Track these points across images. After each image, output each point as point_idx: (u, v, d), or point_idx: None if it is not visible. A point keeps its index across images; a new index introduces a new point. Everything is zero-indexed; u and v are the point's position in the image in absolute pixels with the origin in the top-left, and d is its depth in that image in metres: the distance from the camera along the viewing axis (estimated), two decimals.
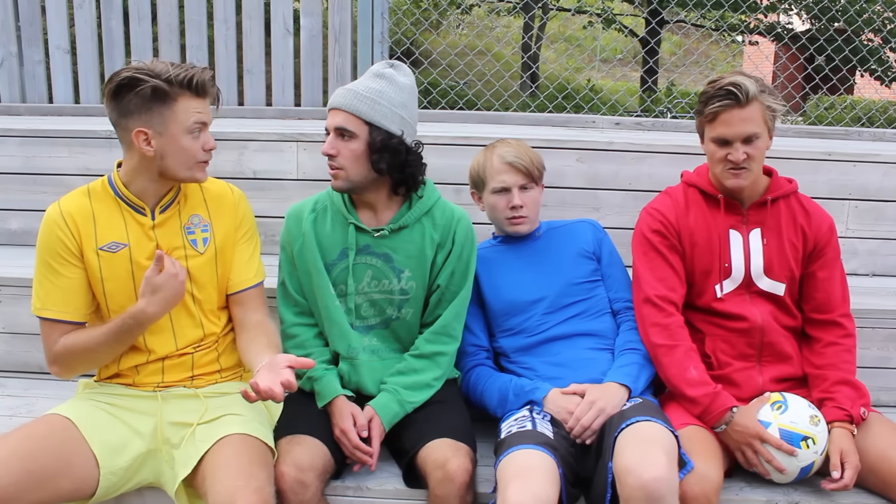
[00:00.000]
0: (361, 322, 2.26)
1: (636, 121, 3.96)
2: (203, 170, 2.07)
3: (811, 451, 2.04)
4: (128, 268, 2.06)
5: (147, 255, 2.06)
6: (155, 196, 2.08)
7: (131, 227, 2.07)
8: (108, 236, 2.05)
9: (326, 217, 2.26)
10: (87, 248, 2.04)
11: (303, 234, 2.25)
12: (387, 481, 2.15)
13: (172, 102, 1.95)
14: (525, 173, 2.27)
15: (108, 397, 2.11)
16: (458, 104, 4.77)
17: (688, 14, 10.50)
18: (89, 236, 2.04)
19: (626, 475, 1.83)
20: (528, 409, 2.17)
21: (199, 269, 2.13)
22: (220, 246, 2.16)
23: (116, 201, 2.07)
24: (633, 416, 1.98)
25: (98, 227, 2.05)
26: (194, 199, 2.16)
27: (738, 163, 2.16)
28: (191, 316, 2.13)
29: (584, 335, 2.29)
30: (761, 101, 2.14)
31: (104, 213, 2.06)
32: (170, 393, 2.12)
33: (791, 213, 2.31)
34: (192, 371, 2.14)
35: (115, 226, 2.06)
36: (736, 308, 2.25)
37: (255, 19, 3.94)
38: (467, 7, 11.51)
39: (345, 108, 2.13)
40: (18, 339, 2.77)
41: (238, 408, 2.06)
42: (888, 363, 2.71)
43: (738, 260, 2.27)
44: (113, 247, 2.05)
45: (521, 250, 2.39)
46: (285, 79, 3.97)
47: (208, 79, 2.00)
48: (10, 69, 4.05)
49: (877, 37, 8.52)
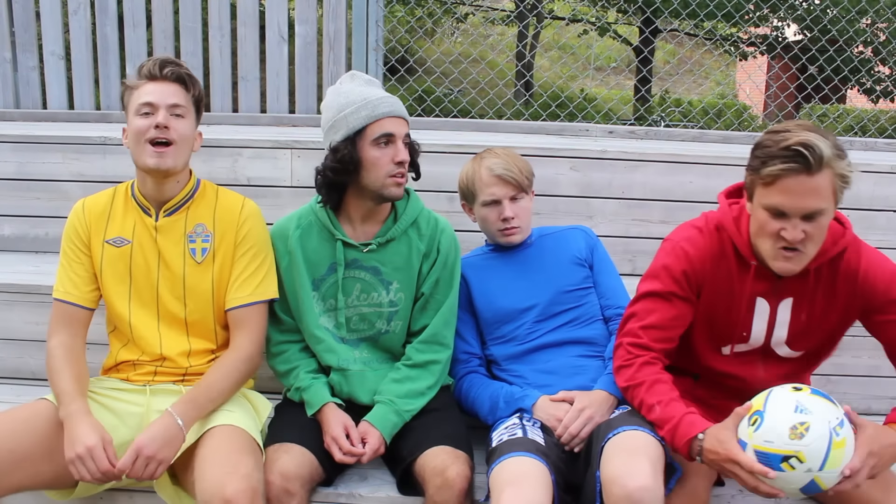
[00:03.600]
0: (351, 335, 2.27)
1: (630, 129, 3.97)
2: (156, 155, 2.02)
3: (801, 472, 1.68)
4: (126, 264, 2.13)
5: (147, 256, 2.12)
6: (158, 196, 2.12)
7: (138, 227, 2.14)
8: (116, 231, 2.15)
9: (312, 233, 2.25)
10: (95, 240, 2.14)
11: (289, 252, 2.24)
12: (379, 488, 2.14)
13: (133, 92, 2.06)
14: (515, 185, 2.27)
15: (100, 388, 2.13)
16: (453, 112, 4.78)
17: (681, 23, 10.55)
18: (100, 230, 2.15)
19: (612, 484, 1.83)
20: (519, 416, 2.18)
21: (193, 280, 2.14)
22: (220, 261, 2.16)
23: (131, 200, 2.16)
24: (620, 426, 1.98)
25: (110, 222, 2.16)
26: (204, 208, 2.17)
27: (793, 243, 1.80)
28: (180, 333, 2.16)
29: (575, 343, 2.29)
30: (834, 169, 1.76)
31: (119, 211, 2.16)
32: (158, 388, 2.15)
33: (833, 276, 1.95)
34: (184, 375, 2.17)
35: (125, 223, 2.15)
36: (739, 370, 2.02)
37: (250, 26, 3.94)
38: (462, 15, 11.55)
39: (406, 116, 2.19)
40: (11, 346, 2.76)
41: (229, 404, 2.09)
42: (879, 371, 2.72)
43: (760, 330, 1.98)
44: (118, 241, 2.14)
45: (512, 258, 2.39)
46: (280, 86, 3.98)
47: (161, 61, 2.05)
48: (5, 75, 4.05)
49: (867, 49, 8.58)
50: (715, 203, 2.13)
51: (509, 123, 4.03)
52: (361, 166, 2.13)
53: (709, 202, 3.10)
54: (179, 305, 2.14)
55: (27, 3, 4.00)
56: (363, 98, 2.13)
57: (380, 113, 2.12)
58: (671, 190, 3.12)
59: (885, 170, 3.15)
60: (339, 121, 2.14)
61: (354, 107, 2.13)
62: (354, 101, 2.13)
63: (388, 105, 2.14)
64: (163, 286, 2.14)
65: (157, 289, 2.14)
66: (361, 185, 2.16)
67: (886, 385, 2.73)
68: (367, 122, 2.11)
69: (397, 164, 2.13)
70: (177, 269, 2.14)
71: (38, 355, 2.70)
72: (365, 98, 2.13)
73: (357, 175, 2.14)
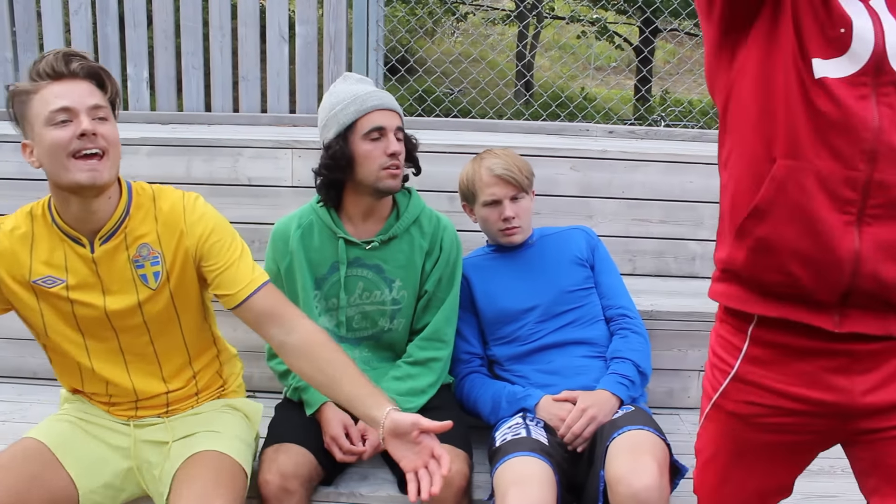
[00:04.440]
0: (352, 334, 2.27)
1: (630, 129, 3.97)
2: (88, 169, 1.64)
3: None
4: (68, 309, 1.80)
5: (91, 297, 1.80)
6: (87, 221, 1.75)
7: (71, 261, 1.78)
8: (42, 268, 1.78)
9: (313, 232, 2.24)
10: (12, 278, 1.78)
11: (290, 252, 2.23)
12: (380, 487, 2.15)
13: (32, 97, 1.65)
14: (515, 185, 2.28)
15: (85, 415, 1.99)
16: (453, 112, 4.78)
17: (681, 23, 10.55)
18: (18, 266, 1.77)
19: (618, 484, 1.83)
20: (521, 416, 2.18)
21: (155, 310, 1.85)
22: (177, 281, 1.84)
23: (54, 228, 1.78)
24: (625, 425, 1.99)
25: (34, 257, 1.78)
26: (144, 225, 1.81)
27: None
28: (152, 374, 1.92)
29: (577, 343, 2.30)
30: None
31: (43, 242, 1.78)
32: (143, 422, 1.99)
33: None
34: (167, 408, 1.99)
35: (54, 257, 1.78)
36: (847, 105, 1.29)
37: (251, 26, 3.94)
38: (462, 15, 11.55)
39: (397, 109, 2.20)
40: (12, 345, 2.77)
41: (216, 424, 1.98)
42: None
43: (865, 28, 1.31)
44: (48, 282, 1.78)
45: (514, 258, 2.40)
46: (280, 86, 3.98)
47: (65, 54, 1.66)
48: (6, 75, 4.04)
49: None
50: (714, 202, 2.12)
51: (509, 123, 4.03)
52: (355, 161, 2.13)
53: (709, 201, 3.12)
54: (146, 349, 1.88)
55: (28, 3, 4.00)
56: (352, 94, 2.15)
57: (368, 106, 2.13)
58: (671, 190, 3.12)
59: None
60: (330, 119, 2.16)
61: (344, 104, 2.14)
62: (344, 98, 2.15)
63: (377, 98, 2.14)
64: (121, 328, 1.85)
65: (115, 334, 1.86)
66: (357, 181, 2.17)
67: None
68: (356, 117, 2.12)
69: (390, 156, 2.13)
70: (131, 302, 1.83)
71: (38, 354, 2.68)
72: (354, 94, 2.14)
73: (351, 171, 2.15)
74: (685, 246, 3.16)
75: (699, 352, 2.70)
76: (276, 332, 1.80)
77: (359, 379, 1.73)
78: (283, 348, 1.80)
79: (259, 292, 1.82)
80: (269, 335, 1.82)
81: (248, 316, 1.83)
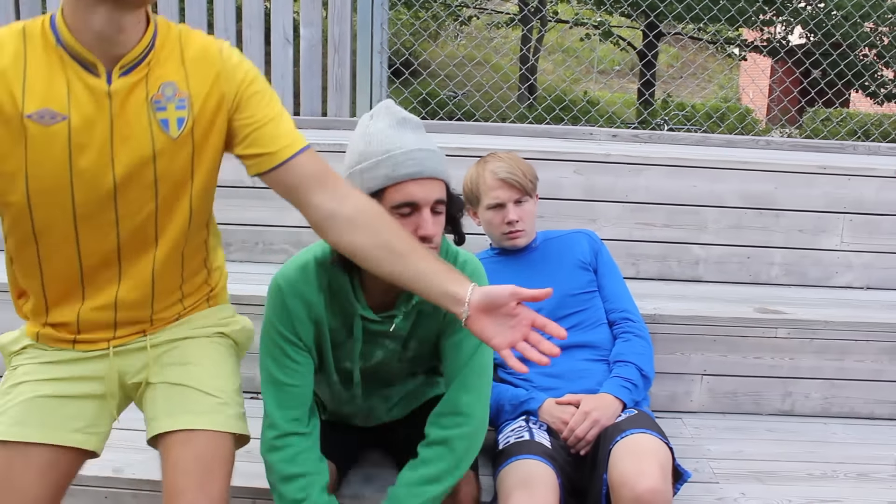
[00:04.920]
0: (359, 388, 1.98)
1: (633, 133, 3.98)
2: None
3: None
4: (64, 154, 1.41)
5: (98, 141, 1.42)
6: (109, 42, 1.38)
7: (76, 92, 1.40)
8: (39, 100, 1.39)
9: (335, 302, 1.80)
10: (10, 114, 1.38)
11: (314, 321, 1.78)
12: (384, 489, 2.14)
13: None
14: (518, 188, 2.28)
15: (47, 370, 1.60)
16: (457, 115, 4.80)
17: (685, 27, 10.56)
18: (11, 91, 1.38)
19: (621, 487, 1.84)
20: (525, 419, 2.18)
21: (168, 161, 1.48)
22: (202, 134, 1.49)
23: (58, 51, 1.40)
24: (629, 429, 1.99)
25: (28, 83, 1.38)
26: (170, 63, 1.47)
27: None
28: (145, 243, 1.53)
29: (581, 346, 2.30)
30: None
31: (39, 65, 1.39)
32: (124, 348, 1.62)
33: None
34: (152, 317, 1.62)
35: (54, 86, 1.39)
36: None
37: (255, 28, 3.96)
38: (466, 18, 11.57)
39: (440, 175, 1.68)
40: None
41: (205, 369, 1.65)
42: (882, 376, 2.72)
43: None
44: (45, 116, 1.39)
45: (517, 262, 2.40)
46: (284, 88, 3.99)
47: None
48: None
49: (871, 52, 8.59)
50: (717, 206, 2.12)
51: (513, 126, 4.05)
52: None
53: (713, 205, 3.13)
54: (148, 214, 1.50)
55: (34, 5, 4.02)
56: (385, 150, 1.64)
57: (401, 175, 1.62)
58: (675, 194, 3.13)
59: (889, 174, 3.15)
60: (354, 174, 1.67)
61: (374, 160, 1.64)
62: (375, 151, 1.65)
63: (415, 163, 1.63)
64: (124, 189, 1.46)
65: (114, 199, 1.47)
66: None
67: (889, 389, 2.74)
68: (385, 184, 1.63)
69: (420, 240, 1.60)
70: (144, 152, 1.45)
71: None
72: (387, 151, 1.63)
73: None
74: (688, 250, 3.17)
75: (702, 356, 2.70)
76: (323, 199, 1.49)
77: (430, 253, 1.48)
78: (333, 220, 1.49)
79: (306, 151, 1.52)
80: (313, 204, 1.50)
81: (289, 179, 1.50)
